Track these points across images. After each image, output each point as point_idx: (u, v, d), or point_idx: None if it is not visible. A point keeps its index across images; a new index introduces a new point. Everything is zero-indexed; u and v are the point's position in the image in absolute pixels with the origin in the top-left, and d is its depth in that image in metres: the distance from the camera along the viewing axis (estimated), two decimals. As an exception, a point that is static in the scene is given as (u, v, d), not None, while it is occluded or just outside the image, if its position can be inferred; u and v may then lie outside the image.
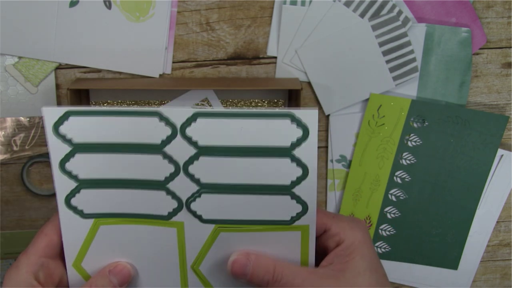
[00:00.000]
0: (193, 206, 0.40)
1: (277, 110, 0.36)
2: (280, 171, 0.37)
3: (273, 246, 0.39)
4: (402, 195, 0.65)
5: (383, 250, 0.68)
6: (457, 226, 0.66)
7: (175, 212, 0.41)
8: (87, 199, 0.41)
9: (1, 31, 0.59)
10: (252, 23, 0.62)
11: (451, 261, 0.67)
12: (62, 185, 0.40)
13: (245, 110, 0.36)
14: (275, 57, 0.63)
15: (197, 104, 0.64)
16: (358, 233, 0.38)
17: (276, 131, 0.36)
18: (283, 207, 0.38)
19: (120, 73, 0.62)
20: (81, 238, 0.41)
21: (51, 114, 0.38)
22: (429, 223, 0.66)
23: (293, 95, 0.62)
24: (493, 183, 0.65)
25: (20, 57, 0.61)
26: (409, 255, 0.67)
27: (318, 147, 0.66)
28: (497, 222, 0.68)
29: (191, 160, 0.38)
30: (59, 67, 0.62)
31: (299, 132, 0.36)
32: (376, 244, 0.67)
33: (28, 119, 0.64)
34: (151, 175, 0.39)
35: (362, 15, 0.61)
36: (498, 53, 0.63)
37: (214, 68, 0.63)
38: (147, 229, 0.41)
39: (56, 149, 0.39)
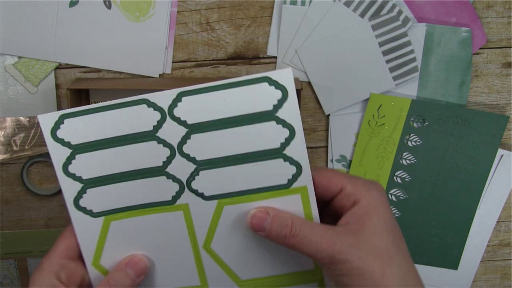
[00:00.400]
0: (194, 185, 0.41)
1: (253, 75, 0.37)
2: (269, 135, 0.38)
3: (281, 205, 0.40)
4: (402, 195, 0.65)
5: (383, 250, 0.67)
6: (457, 226, 0.66)
7: (178, 194, 0.41)
8: (94, 198, 0.41)
9: (1, 31, 0.59)
10: (252, 23, 0.62)
11: (451, 261, 0.67)
12: (69, 188, 0.41)
13: (225, 81, 0.37)
14: (275, 57, 0.63)
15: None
16: (375, 193, 0.38)
17: (257, 96, 0.37)
18: (279, 170, 0.39)
19: (120, 73, 0.62)
20: (95, 237, 0.42)
21: (47, 120, 0.39)
22: (429, 223, 0.66)
23: (293, 95, 0.62)
24: (493, 183, 0.65)
25: (20, 57, 0.61)
26: (409, 255, 0.67)
27: (319, 147, 0.66)
28: (497, 222, 0.68)
29: (184, 139, 0.39)
30: (59, 67, 0.62)
31: (278, 94, 0.37)
32: (376, 244, 0.67)
33: (28, 119, 0.64)
34: (149, 163, 0.40)
35: (362, 15, 0.61)
36: (498, 53, 0.63)
37: (214, 68, 0.63)
38: (156, 218, 0.42)
39: (57, 154, 0.40)
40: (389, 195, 0.65)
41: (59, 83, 0.63)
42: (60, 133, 0.40)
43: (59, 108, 0.63)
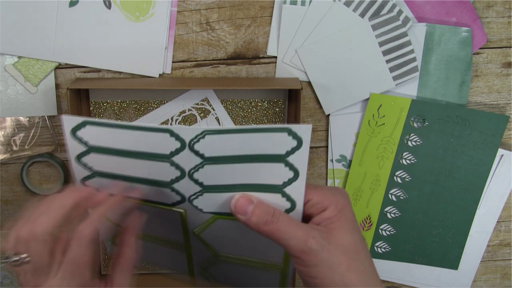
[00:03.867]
0: (195, 202, 0.43)
1: (276, 125, 0.39)
2: (274, 173, 0.40)
3: None
4: (402, 195, 0.65)
5: (383, 250, 0.67)
6: (457, 226, 0.66)
7: (178, 203, 0.44)
8: (101, 184, 0.43)
9: (1, 31, 0.59)
10: (252, 23, 0.62)
11: (451, 261, 0.67)
12: (79, 173, 0.43)
13: (250, 126, 0.39)
14: (275, 57, 0.63)
15: (197, 104, 0.64)
16: (341, 198, 0.41)
17: (275, 142, 0.40)
18: (274, 202, 0.41)
19: (120, 73, 0.62)
20: None
21: (70, 121, 0.41)
22: (429, 223, 0.66)
23: (293, 95, 0.62)
24: (493, 183, 0.65)
25: (20, 57, 0.61)
26: (409, 255, 0.67)
27: (319, 147, 0.66)
28: (497, 222, 0.68)
29: (197, 168, 0.41)
30: (59, 66, 0.62)
31: (294, 143, 0.39)
32: (376, 244, 0.67)
33: (27, 119, 0.63)
34: (158, 177, 0.42)
35: (362, 15, 0.60)
36: (498, 53, 0.63)
37: (214, 68, 0.63)
38: (154, 208, 0.45)
39: (74, 148, 0.42)
40: (389, 195, 0.65)
41: (59, 83, 0.63)
42: (79, 133, 0.41)
43: (58, 108, 0.63)
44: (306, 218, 0.42)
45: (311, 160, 0.66)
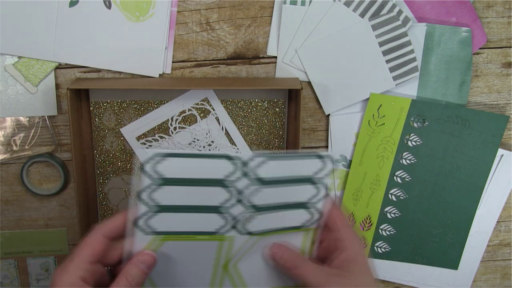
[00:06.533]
0: (242, 226, 0.46)
1: (306, 152, 0.45)
2: (306, 193, 0.46)
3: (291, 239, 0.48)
4: (402, 195, 0.65)
5: (383, 250, 0.67)
6: (457, 226, 0.66)
7: (222, 227, 0.46)
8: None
9: (1, 31, 0.59)
10: (252, 23, 0.62)
11: (451, 261, 0.67)
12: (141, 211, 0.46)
13: (290, 154, 0.44)
14: (275, 57, 0.63)
15: (197, 104, 0.64)
16: (358, 244, 0.46)
17: (307, 169, 0.45)
18: (301, 217, 0.47)
19: (120, 73, 0.62)
20: None
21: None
22: (429, 223, 0.66)
23: (293, 95, 0.62)
24: (493, 183, 0.65)
25: (20, 57, 0.61)
26: (409, 255, 0.67)
27: (319, 147, 0.66)
28: (497, 222, 0.68)
29: (252, 191, 0.44)
30: (59, 66, 0.62)
31: (321, 164, 0.44)
32: (376, 244, 0.67)
33: (27, 119, 0.63)
34: (208, 202, 0.45)
35: (362, 15, 0.61)
36: (498, 53, 0.63)
37: (214, 68, 0.63)
38: (198, 243, 0.46)
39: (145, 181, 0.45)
40: (389, 195, 0.65)
41: (59, 83, 0.63)
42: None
43: (58, 108, 0.63)
44: (323, 244, 0.48)
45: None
